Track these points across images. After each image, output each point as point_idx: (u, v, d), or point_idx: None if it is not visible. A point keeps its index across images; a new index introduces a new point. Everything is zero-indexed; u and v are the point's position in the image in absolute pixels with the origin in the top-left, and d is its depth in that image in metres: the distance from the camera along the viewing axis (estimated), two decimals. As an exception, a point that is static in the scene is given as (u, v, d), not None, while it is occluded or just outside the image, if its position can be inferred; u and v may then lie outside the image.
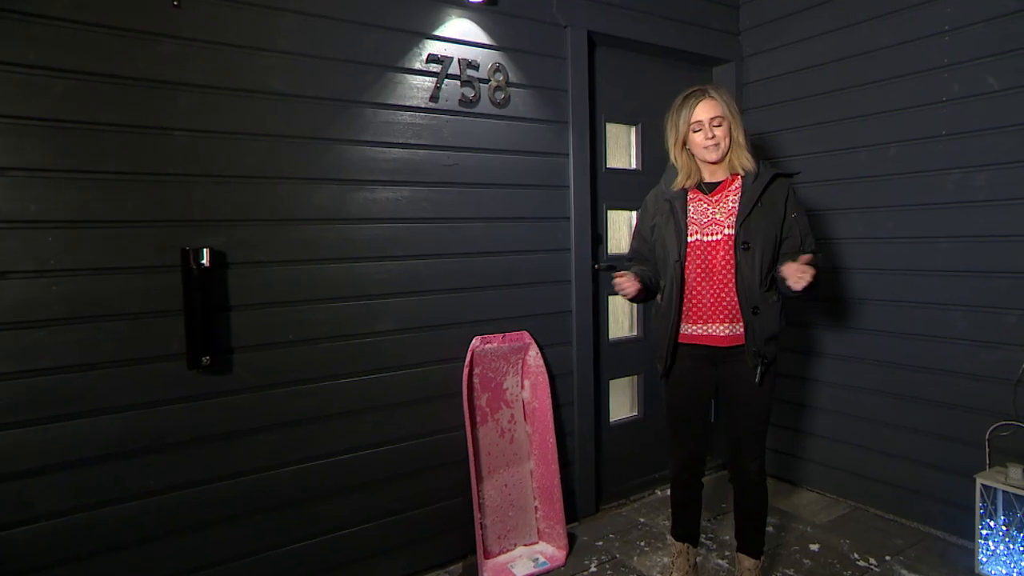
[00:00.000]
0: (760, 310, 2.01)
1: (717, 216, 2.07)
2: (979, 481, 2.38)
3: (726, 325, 2.06)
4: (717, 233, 2.06)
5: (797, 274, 1.87)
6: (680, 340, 2.13)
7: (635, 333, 3.20)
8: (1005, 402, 2.45)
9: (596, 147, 2.96)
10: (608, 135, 3.06)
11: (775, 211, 2.04)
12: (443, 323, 2.47)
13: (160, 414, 1.95)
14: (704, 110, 2.05)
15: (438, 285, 2.46)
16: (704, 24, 3.19)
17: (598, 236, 2.98)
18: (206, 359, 1.97)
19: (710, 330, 2.09)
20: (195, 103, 1.97)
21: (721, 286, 2.06)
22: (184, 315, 1.94)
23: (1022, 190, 2.38)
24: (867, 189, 2.84)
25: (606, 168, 3.03)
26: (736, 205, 2.05)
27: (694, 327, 2.11)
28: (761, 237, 2.01)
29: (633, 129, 3.15)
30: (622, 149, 3.16)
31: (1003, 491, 2.31)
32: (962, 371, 2.58)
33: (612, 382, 3.11)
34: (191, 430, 2.00)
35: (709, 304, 2.08)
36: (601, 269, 2.95)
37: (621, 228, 3.15)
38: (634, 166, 3.16)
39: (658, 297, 2.20)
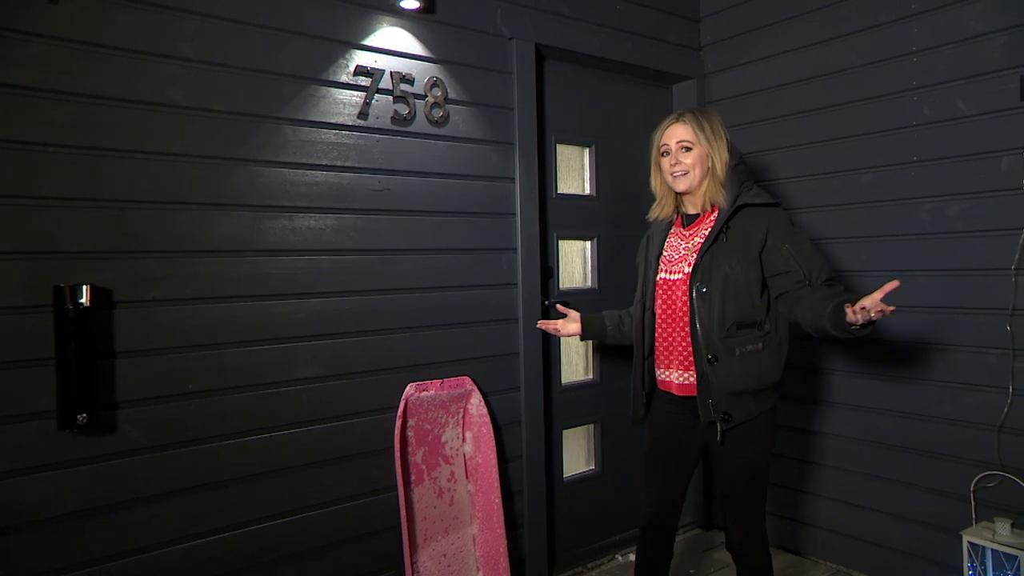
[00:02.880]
0: (720, 360, 1.93)
1: (688, 253, 2.05)
2: (966, 538, 2.35)
3: (679, 372, 2.05)
4: (679, 272, 2.04)
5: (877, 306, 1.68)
6: (656, 385, 2.16)
7: (591, 376, 3.13)
8: (989, 450, 2.44)
9: (546, 171, 2.91)
10: (559, 158, 3.01)
11: (747, 247, 1.95)
12: (372, 369, 2.36)
13: (18, 486, 1.76)
14: (672, 134, 2.05)
15: (367, 325, 2.35)
16: (662, 38, 3.20)
17: (548, 269, 2.91)
18: (82, 417, 1.80)
19: (666, 376, 2.09)
20: (74, 115, 1.83)
21: (678, 329, 2.04)
22: (56, 364, 1.77)
23: (996, 221, 2.42)
24: (841, 217, 2.84)
25: (557, 194, 2.98)
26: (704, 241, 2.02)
27: (657, 371, 2.13)
28: (722, 278, 1.94)
29: (587, 151, 3.12)
30: (575, 173, 3.11)
31: (992, 549, 2.29)
32: (943, 416, 2.57)
33: (566, 432, 3.02)
34: (61, 503, 1.81)
35: (665, 347, 2.08)
36: (552, 305, 2.88)
37: (574, 260, 3.09)
38: (588, 191, 3.12)
39: None
